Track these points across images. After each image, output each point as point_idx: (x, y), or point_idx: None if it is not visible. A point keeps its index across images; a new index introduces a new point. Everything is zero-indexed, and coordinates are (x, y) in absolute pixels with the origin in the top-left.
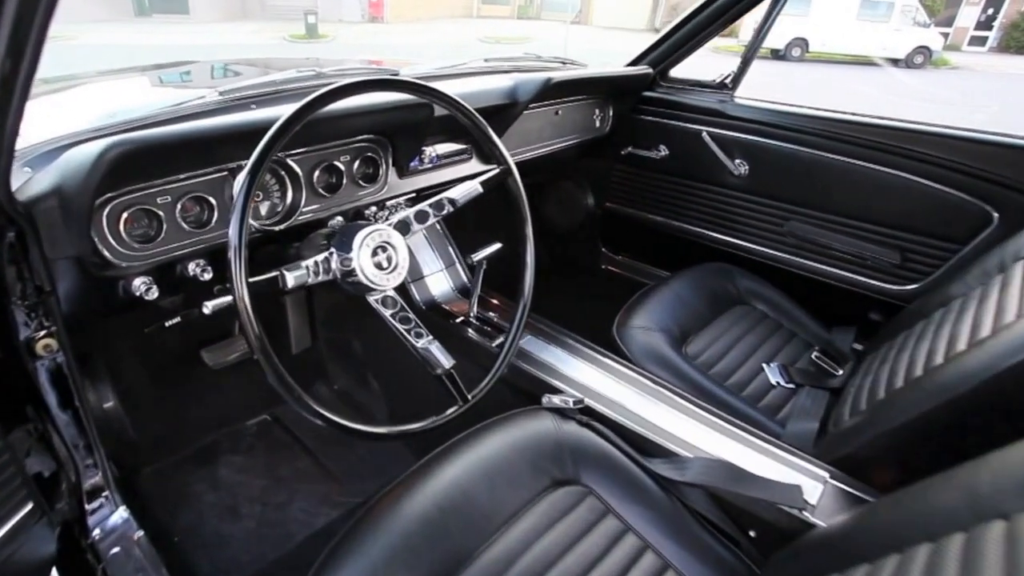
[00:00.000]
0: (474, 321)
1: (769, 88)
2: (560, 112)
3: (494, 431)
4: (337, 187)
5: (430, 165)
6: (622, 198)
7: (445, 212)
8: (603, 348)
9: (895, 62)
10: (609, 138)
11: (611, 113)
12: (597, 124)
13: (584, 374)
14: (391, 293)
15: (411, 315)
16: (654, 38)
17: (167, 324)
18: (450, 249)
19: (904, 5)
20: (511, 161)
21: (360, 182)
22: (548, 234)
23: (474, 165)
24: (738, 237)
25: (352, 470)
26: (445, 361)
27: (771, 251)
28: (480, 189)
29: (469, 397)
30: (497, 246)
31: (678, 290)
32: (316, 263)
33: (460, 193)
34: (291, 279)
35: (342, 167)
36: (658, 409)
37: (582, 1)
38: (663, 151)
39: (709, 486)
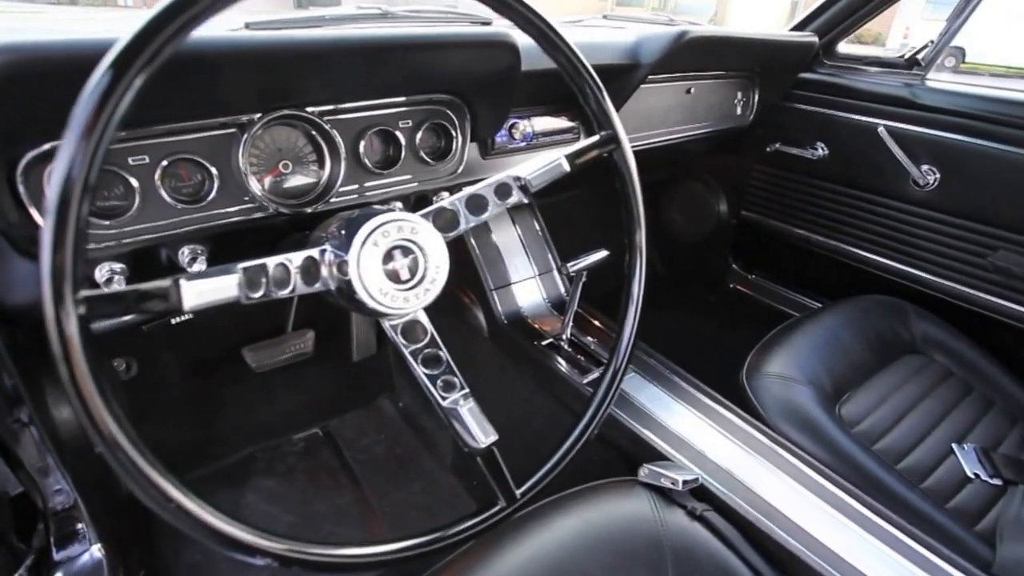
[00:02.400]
0: (566, 347)
1: None
2: (692, 91)
3: (569, 508)
4: (393, 162)
5: (523, 143)
6: (763, 206)
7: (513, 200)
8: (727, 399)
9: None
10: (751, 131)
11: (756, 98)
12: (738, 111)
13: (700, 436)
14: (421, 318)
15: (443, 354)
16: None
17: (174, 322)
18: (548, 254)
19: None
20: (621, 129)
21: (426, 157)
22: (668, 242)
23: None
24: (916, 266)
25: (402, 513)
26: (481, 436)
27: (963, 288)
28: (566, 167)
29: (517, 494)
30: (602, 254)
31: (833, 328)
32: (284, 267)
33: (533, 171)
34: (192, 295)
35: (401, 136)
36: (804, 503)
37: (718, 4)
38: (821, 150)
39: None
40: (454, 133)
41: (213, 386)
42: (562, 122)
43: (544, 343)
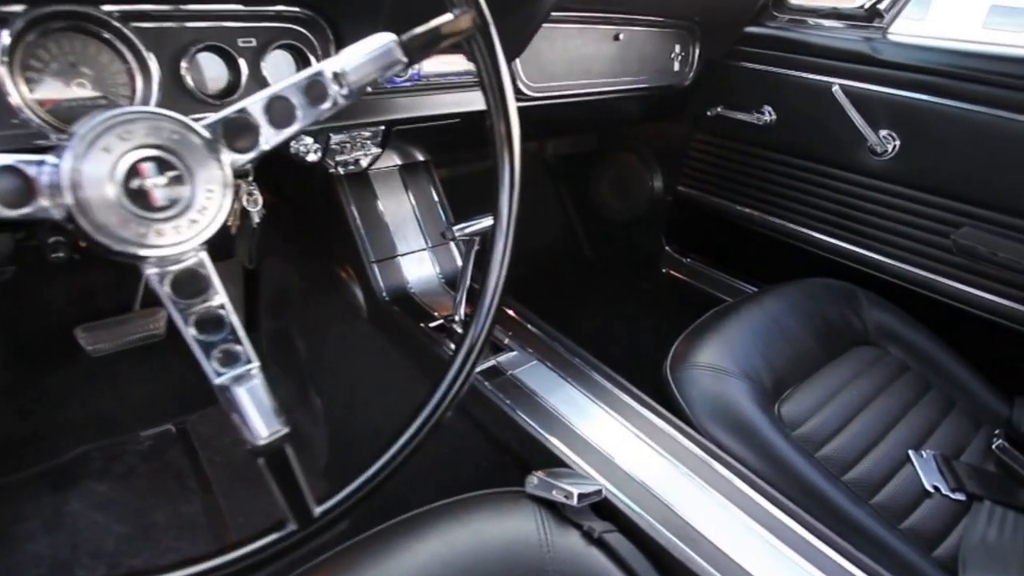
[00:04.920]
0: (458, 329)
1: None
2: (621, 38)
3: (431, 526)
4: (231, 90)
5: (408, 84)
6: (702, 181)
7: (328, 108)
8: (649, 395)
9: None
10: (691, 93)
11: (697, 54)
12: (676, 67)
13: (609, 438)
14: (201, 267)
15: (227, 315)
16: None
17: None
18: (445, 221)
19: None
20: (485, 9)
21: None
22: (595, 221)
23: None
24: (870, 247)
25: (258, 525)
26: (260, 427)
27: (922, 272)
28: (399, 55)
29: (316, 513)
30: None
31: (775, 313)
32: None
33: (353, 63)
34: None
35: (242, 59)
36: (731, 523)
37: None
38: (768, 115)
39: None
40: (313, 60)
41: (40, 372)
42: (460, 62)
43: (432, 325)
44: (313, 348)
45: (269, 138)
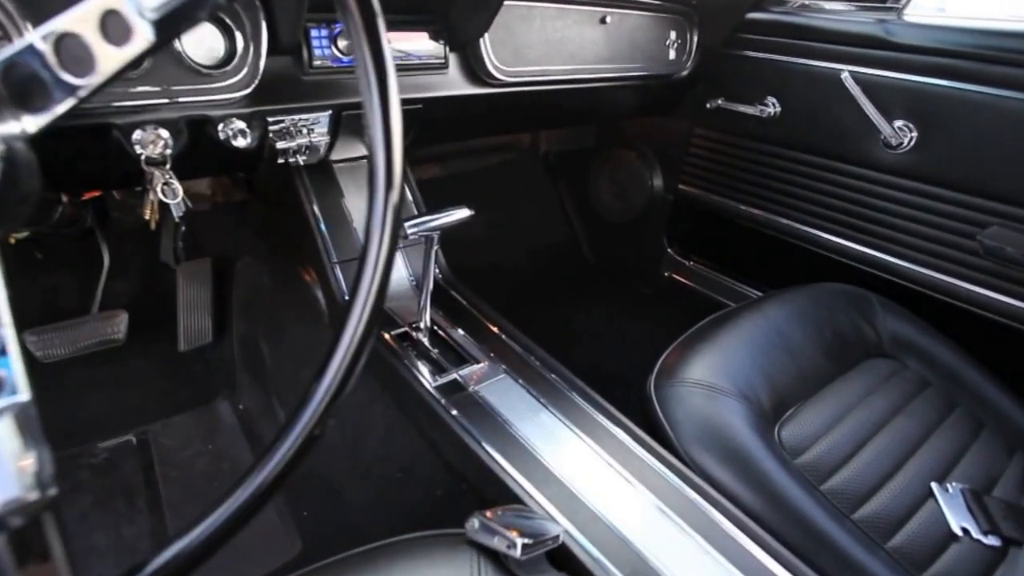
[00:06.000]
0: (423, 338)
1: None
2: (609, 20)
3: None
4: (136, 64)
5: (355, 64)
6: (704, 178)
7: (133, 49)
8: (631, 417)
9: None
10: (690, 84)
11: (694, 42)
12: (671, 55)
13: (578, 469)
14: None
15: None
16: None
17: None
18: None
19: None
20: None
21: (195, 63)
22: (596, 224)
23: (454, 79)
24: (885, 249)
25: None
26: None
27: (944, 276)
28: None
29: None
30: (463, 213)
31: (777, 322)
32: None
33: None
34: None
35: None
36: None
37: None
38: (773, 107)
39: None
40: (238, 33)
41: None
42: (420, 41)
43: (395, 332)
44: (276, 354)
45: (68, 91)
